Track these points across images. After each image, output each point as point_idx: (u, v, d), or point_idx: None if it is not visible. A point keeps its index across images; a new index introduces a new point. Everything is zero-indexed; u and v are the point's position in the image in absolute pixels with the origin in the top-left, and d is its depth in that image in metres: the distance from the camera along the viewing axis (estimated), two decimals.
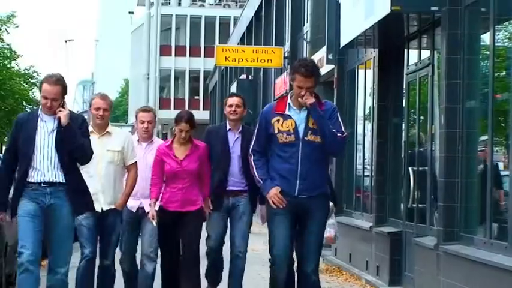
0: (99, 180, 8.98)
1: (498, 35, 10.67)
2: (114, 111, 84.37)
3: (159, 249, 9.86)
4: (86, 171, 8.68)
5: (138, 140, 9.88)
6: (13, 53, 42.94)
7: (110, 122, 9.46)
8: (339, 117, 8.04)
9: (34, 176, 7.90)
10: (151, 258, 9.78)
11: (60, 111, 7.85)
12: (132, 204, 9.53)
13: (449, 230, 10.30)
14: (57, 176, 7.93)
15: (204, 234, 9.98)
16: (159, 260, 10.00)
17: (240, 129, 9.98)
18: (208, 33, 70.25)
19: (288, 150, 7.81)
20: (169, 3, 74.63)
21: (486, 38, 10.91)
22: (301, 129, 7.79)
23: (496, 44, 10.54)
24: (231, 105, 9.98)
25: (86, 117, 8.84)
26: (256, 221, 17.51)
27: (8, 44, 41.78)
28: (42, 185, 7.89)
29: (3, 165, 8.23)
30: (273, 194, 7.79)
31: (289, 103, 7.90)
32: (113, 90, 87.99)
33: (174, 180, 9.34)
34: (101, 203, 8.95)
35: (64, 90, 7.96)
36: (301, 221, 7.98)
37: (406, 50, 13.40)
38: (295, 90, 7.88)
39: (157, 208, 9.32)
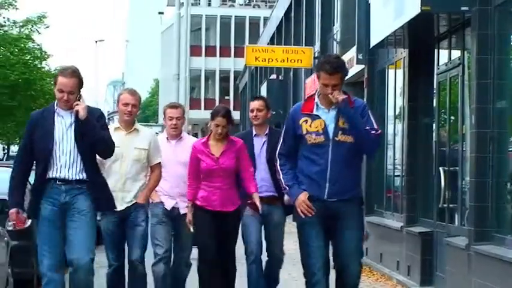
0: (123, 178, 8.73)
1: None
2: (144, 111, 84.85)
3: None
4: (109, 168, 8.61)
5: (167, 138, 9.60)
6: (44, 53, 42.80)
7: (140, 122, 9.35)
8: (370, 114, 7.58)
9: (51, 173, 7.57)
10: (186, 263, 9.62)
11: (77, 104, 7.52)
12: (168, 202, 9.29)
13: (480, 230, 10.13)
14: (75, 172, 7.58)
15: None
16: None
17: (267, 131, 9.70)
18: (238, 34, 70.39)
19: (317, 151, 7.28)
20: (199, 4, 74.82)
21: None
22: (330, 129, 7.28)
23: None
24: (252, 110, 9.75)
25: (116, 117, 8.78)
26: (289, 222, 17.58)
27: (38, 45, 41.77)
28: (58, 182, 7.56)
29: (18, 164, 7.86)
30: (301, 201, 7.25)
31: (316, 102, 7.41)
32: (143, 90, 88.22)
33: (210, 179, 8.94)
34: (124, 202, 8.68)
35: (80, 82, 7.66)
36: (334, 226, 7.38)
37: (436, 50, 13.41)
38: (321, 88, 7.44)
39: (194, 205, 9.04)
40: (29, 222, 9.64)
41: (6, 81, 33.62)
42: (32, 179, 8.44)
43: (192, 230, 8.99)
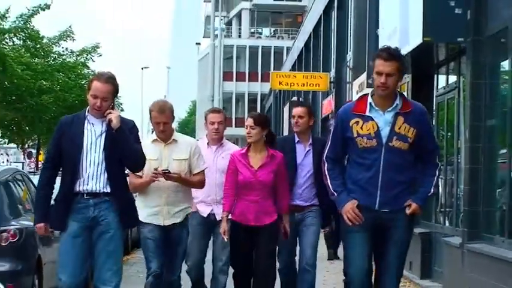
0: (166, 191, 7.47)
1: None
2: (184, 129, 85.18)
3: None
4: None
5: (207, 143, 8.35)
6: None
7: None
8: (430, 127, 6.25)
9: (77, 186, 6.32)
10: (223, 270, 8.29)
11: (110, 113, 6.30)
12: (203, 209, 8.11)
13: (472, 231, 10.17)
14: (102, 185, 6.35)
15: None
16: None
17: (311, 141, 8.39)
18: (265, 61, 70.92)
19: (368, 156, 5.86)
20: (231, 36, 75.40)
21: (506, 65, 10.80)
22: (384, 133, 5.85)
23: None
24: (293, 117, 8.44)
25: None
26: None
27: (92, 71, 42.08)
28: (85, 196, 6.33)
29: (44, 174, 6.58)
30: (349, 208, 5.85)
31: (370, 103, 5.93)
32: (182, 111, 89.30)
33: (246, 192, 7.73)
34: (166, 217, 7.49)
35: (116, 90, 6.43)
36: (382, 238, 5.96)
37: (435, 76, 13.47)
38: (375, 79, 5.90)
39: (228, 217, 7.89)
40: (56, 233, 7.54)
41: (65, 103, 33.87)
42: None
43: (226, 240, 7.83)
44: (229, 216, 7.74)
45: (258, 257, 7.81)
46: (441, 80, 13.03)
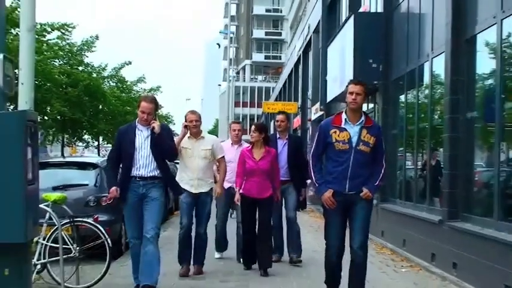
0: (196, 170, 7.38)
1: (409, 96, 10.63)
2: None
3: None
4: (185, 164, 7.44)
5: (231, 144, 8.45)
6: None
7: None
8: (382, 139, 5.81)
9: (133, 172, 6.30)
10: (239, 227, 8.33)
11: (153, 122, 6.31)
12: (226, 185, 8.01)
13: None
14: (148, 171, 6.30)
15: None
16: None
17: (287, 137, 8.40)
18: (259, 96, 71.02)
19: (342, 156, 5.63)
20: (239, 80, 76.02)
21: (402, 98, 11.05)
22: (354, 140, 5.62)
23: (408, 101, 10.71)
24: (277, 121, 8.48)
25: None
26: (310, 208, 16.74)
27: (118, 98, 38.45)
28: (137, 179, 6.29)
29: (110, 161, 6.56)
30: (326, 197, 5.63)
31: (345, 118, 5.67)
32: (209, 126, 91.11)
33: (251, 175, 7.58)
34: (196, 187, 7.38)
35: (156, 107, 6.45)
36: (351, 210, 5.69)
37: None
38: (348, 97, 5.66)
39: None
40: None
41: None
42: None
43: (238, 203, 7.75)
44: (240, 191, 7.63)
45: (260, 218, 7.66)
46: (364, 107, 10.90)
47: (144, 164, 6.31)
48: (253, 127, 7.75)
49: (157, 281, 6.19)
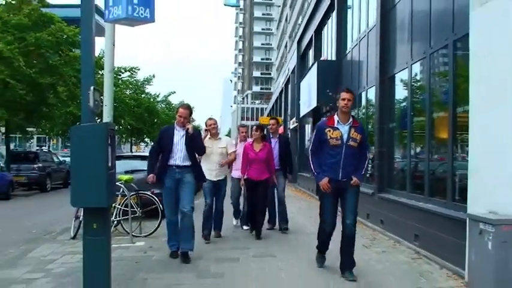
0: (215, 163, 6.64)
1: (353, 113, 10.38)
2: None
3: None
4: (207, 158, 6.61)
5: (240, 141, 7.63)
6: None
7: None
8: (366, 135, 4.93)
9: (171, 162, 5.49)
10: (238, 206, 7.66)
11: (188, 125, 5.59)
12: (238, 174, 7.22)
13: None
14: (184, 161, 5.49)
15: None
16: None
17: (278, 136, 7.55)
18: (257, 113, 70.86)
19: (335, 150, 4.75)
20: (243, 103, 75.77)
21: None
22: (345, 137, 4.74)
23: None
24: (269, 124, 7.66)
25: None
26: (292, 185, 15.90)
27: (167, 115, 31.24)
28: (174, 167, 5.47)
29: (152, 153, 5.63)
30: (324, 183, 4.75)
31: (337, 120, 4.80)
32: (225, 133, 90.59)
33: (253, 163, 6.86)
34: (215, 176, 6.63)
35: (190, 112, 5.63)
36: (343, 194, 4.79)
37: (322, 118, 12.05)
38: (340, 103, 4.81)
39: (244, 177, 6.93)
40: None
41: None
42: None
43: (242, 187, 7.07)
44: (245, 176, 6.89)
45: (259, 194, 6.82)
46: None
47: (179, 156, 5.54)
48: (254, 127, 7.12)
49: (193, 247, 5.51)
